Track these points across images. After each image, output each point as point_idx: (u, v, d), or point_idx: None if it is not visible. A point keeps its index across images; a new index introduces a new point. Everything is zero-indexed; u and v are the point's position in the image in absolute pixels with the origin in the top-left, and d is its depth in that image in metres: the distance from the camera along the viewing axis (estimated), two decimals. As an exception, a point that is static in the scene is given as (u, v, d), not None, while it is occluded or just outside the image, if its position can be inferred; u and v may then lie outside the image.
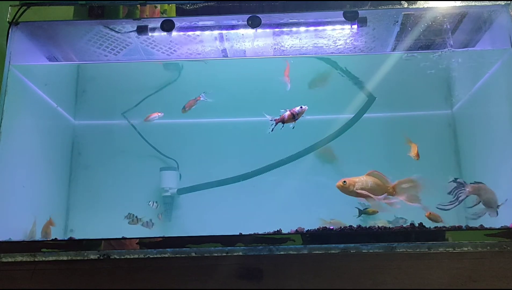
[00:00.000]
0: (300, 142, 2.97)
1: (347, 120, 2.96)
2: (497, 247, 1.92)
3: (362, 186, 2.07)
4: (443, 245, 1.93)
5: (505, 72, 2.40)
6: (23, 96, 2.51)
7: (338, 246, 1.95)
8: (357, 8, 2.34)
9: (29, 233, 2.43)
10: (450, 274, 1.88)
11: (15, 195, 2.41)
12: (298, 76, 2.91)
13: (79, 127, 3.13)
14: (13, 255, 1.98)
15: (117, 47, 2.66)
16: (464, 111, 2.98)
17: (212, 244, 1.96)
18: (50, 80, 2.80)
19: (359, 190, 2.06)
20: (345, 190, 2.08)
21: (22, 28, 2.41)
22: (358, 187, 2.06)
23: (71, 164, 3.07)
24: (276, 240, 1.96)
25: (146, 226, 2.70)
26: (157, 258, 1.97)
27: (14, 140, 2.37)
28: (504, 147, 2.42)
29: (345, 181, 2.07)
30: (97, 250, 1.98)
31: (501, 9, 2.35)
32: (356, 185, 2.07)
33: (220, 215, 2.93)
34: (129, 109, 3.11)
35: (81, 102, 3.17)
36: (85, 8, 2.38)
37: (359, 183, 2.08)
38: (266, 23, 2.43)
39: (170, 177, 3.01)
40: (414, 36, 2.53)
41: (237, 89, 3.07)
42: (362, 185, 2.08)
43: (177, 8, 2.38)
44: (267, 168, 2.96)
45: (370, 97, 2.98)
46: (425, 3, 2.32)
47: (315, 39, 2.60)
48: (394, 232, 2.03)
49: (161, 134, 3.10)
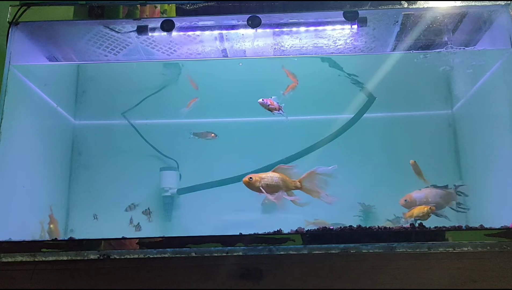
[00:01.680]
0: (300, 142, 2.97)
1: (347, 120, 2.96)
2: (497, 247, 1.92)
3: (267, 182, 2.05)
4: (443, 245, 1.93)
5: (505, 72, 2.40)
6: (23, 96, 2.50)
7: (338, 246, 1.95)
8: (357, 8, 2.34)
9: (41, 233, 2.49)
10: (450, 274, 1.88)
11: (15, 195, 2.41)
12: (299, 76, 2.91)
13: (79, 127, 3.13)
14: (13, 255, 1.98)
15: (117, 47, 2.66)
16: (464, 111, 2.98)
17: (212, 244, 1.96)
18: (50, 80, 2.80)
19: (262, 187, 2.03)
20: (251, 187, 2.05)
21: (22, 28, 2.41)
22: (264, 184, 2.04)
23: (71, 164, 3.07)
24: (276, 240, 1.96)
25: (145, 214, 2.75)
26: (157, 258, 1.97)
27: (14, 140, 2.36)
28: (504, 147, 2.42)
29: (251, 177, 2.04)
30: (97, 250, 1.98)
31: (501, 9, 2.35)
32: (262, 182, 2.05)
33: (220, 215, 2.93)
34: (129, 109, 3.11)
35: (81, 102, 3.17)
36: (85, 8, 2.38)
37: (265, 179, 2.06)
38: (266, 23, 2.43)
39: (170, 177, 3.00)
40: (414, 36, 2.53)
41: (237, 89, 3.07)
42: (268, 181, 2.05)
43: (177, 8, 2.38)
44: (267, 168, 2.95)
45: (370, 97, 2.98)
46: (425, 3, 2.32)
47: (315, 39, 2.60)
48: (394, 232, 2.02)
49: (161, 134, 3.11)
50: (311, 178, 2.09)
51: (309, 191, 2.08)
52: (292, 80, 2.81)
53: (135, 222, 2.85)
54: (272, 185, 2.05)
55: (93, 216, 2.85)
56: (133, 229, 2.84)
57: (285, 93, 2.77)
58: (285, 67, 2.86)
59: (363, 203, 2.86)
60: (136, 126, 3.09)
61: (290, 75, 2.83)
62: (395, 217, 2.58)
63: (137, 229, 2.83)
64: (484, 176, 2.69)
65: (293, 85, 2.79)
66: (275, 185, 2.06)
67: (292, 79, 2.81)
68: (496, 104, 2.52)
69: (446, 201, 2.28)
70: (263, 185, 2.04)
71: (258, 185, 2.04)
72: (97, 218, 2.86)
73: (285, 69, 2.84)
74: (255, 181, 2.04)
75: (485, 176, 2.67)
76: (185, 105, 2.98)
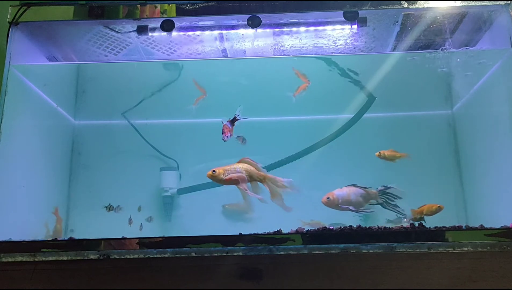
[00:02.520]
0: (300, 142, 2.97)
1: (347, 120, 2.96)
2: (497, 247, 1.92)
3: (232, 174, 2.04)
4: (443, 245, 1.93)
5: (505, 72, 2.40)
6: (23, 96, 2.50)
7: (338, 246, 1.95)
8: (357, 8, 2.34)
9: (52, 233, 2.54)
10: (450, 274, 1.88)
11: (15, 195, 2.41)
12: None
13: (79, 127, 3.13)
14: (13, 255, 1.98)
15: (117, 47, 2.66)
16: (464, 111, 2.98)
17: (212, 244, 1.96)
18: (50, 80, 2.80)
19: (226, 178, 2.02)
20: (215, 179, 2.04)
21: (22, 28, 2.41)
22: (227, 176, 2.03)
23: (71, 164, 3.07)
24: (276, 240, 1.96)
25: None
26: (157, 258, 1.97)
27: (14, 140, 2.36)
28: (504, 147, 2.42)
29: (214, 170, 2.03)
30: (97, 250, 1.98)
31: (501, 9, 2.35)
32: (225, 173, 2.03)
33: (220, 215, 2.93)
34: (129, 109, 3.10)
35: (81, 102, 3.17)
36: (85, 8, 2.38)
37: (229, 170, 2.05)
38: (266, 23, 2.43)
39: (170, 177, 3.00)
40: (414, 36, 2.53)
41: (237, 89, 3.07)
42: (232, 172, 2.04)
43: (177, 8, 2.38)
44: (267, 168, 2.95)
45: (370, 97, 2.98)
46: (425, 3, 2.32)
47: (315, 39, 2.60)
48: (394, 232, 2.02)
49: (161, 134, 3.10)
50: (276, 182, 2.08)
51: (271, 189, 2.07)
52: (303, 80, 2.79)
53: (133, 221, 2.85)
54: (236, 176, 2.04)
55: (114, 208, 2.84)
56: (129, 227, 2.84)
57: (295, 95, 2.76)
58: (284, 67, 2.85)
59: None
60: (136, 126, 3.09)
61: (301, 76, 2.81)
62: (396, 217, 2.58)
63: (139, 228, 2.83)
64: (484, 176, 2.69)
65: (304, 86, 2.78)
66: (240, 175, 2.05)
67: (303, 80, 2.80)
68: (496, 104, 2.52)
69: (366, 199, 2.31)
70: (227, 177, 2.02)
71: (221, 177, 2.02)
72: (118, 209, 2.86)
73: (295, 70, 2.83)
74: (218, 174, 2.03)
75: (485, 176, 2.67)
76: (187, 104, 2.98)
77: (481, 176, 2.72)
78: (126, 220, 2.87)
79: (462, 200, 2.92)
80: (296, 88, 2.80)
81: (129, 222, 2.87)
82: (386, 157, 2.54)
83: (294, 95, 2.77)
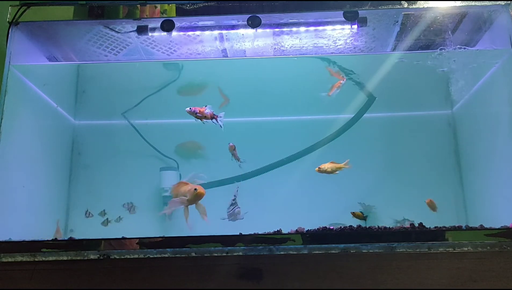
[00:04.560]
0: (300, 142, 2.97)
1: (347, 120, 2.96)
2: (497, 247, 1.92)
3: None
4: (443, 245, 1.93)
5: (505, 72, 2.40)
6: (23, 96, 2.50)
7: (338, 246, 1.95)
8: (357, 8, 2.34)
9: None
10: (450, 274, 1.88)
11: (15, 195, 2.41)
12: (298, 76, 2.91)
13: (79, 127, 3.13)
14: (13, 255, 1.98)
15: (117, 47, 2.66)
16: (464, 111, 2.98)
17: (212, 244, 1.96)
18: (50, 80, 2.80)
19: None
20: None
21: (22, 28, 2.41)
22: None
23: (71, 164, 3.06)
24: (276, 240, 1.96)
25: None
26: (157, 258, 1.97)
27: (14, 140, 2.36)
28: (504, 147, 2.42)
29: None
30: (97, 250, 1.98)
31: (501, 9, 2.35)
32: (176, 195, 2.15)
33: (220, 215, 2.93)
34: (129, 109, 3.10)
35: (81, 102, 3.17)
36: (85, 8, 2.38)
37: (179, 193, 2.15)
38: (266, 23, 2.43)
39: (170, 177, 3.00)
40: (414, 36, 2.53)
41: (237, 89, 3.07)
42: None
43: (177, 8, 2.38)
44: (267, 168, 2.96)
45: (370, 97, 2.98)
46: (425, 3, 2.32)
47: (315, 39, 2.60)
48: (394, 232, 2.03)
49: (161, 134, 3.10)
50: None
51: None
52: (337, 78, 2.74)
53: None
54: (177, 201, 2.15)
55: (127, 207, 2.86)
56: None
57: (330, 94, 2.72)
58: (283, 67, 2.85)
59: (363, 203, 2.86)
60: (136, 126, 3.09)
61: (335, 73, 2.76)
62: (403, 219, 2.60)
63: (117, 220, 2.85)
64: (484, 176, 2.69)
65: (339, 83, 2.71)
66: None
67: (338, 77, 2.74)
68: (496, 104, 2.52)
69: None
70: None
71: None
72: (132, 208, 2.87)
73: (329, 68, 2.79)
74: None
75: (485, 176, 2.66)
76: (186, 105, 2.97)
77: (481, 176, 2.72)
78: (125, 220, 2.88)
79: (462, 200, 2.92)
80: (330, 87, 2.75)
81: (118, 219, 2.88)
82: (327, 171, 2.51)
83: (328, 94, 2.73)
